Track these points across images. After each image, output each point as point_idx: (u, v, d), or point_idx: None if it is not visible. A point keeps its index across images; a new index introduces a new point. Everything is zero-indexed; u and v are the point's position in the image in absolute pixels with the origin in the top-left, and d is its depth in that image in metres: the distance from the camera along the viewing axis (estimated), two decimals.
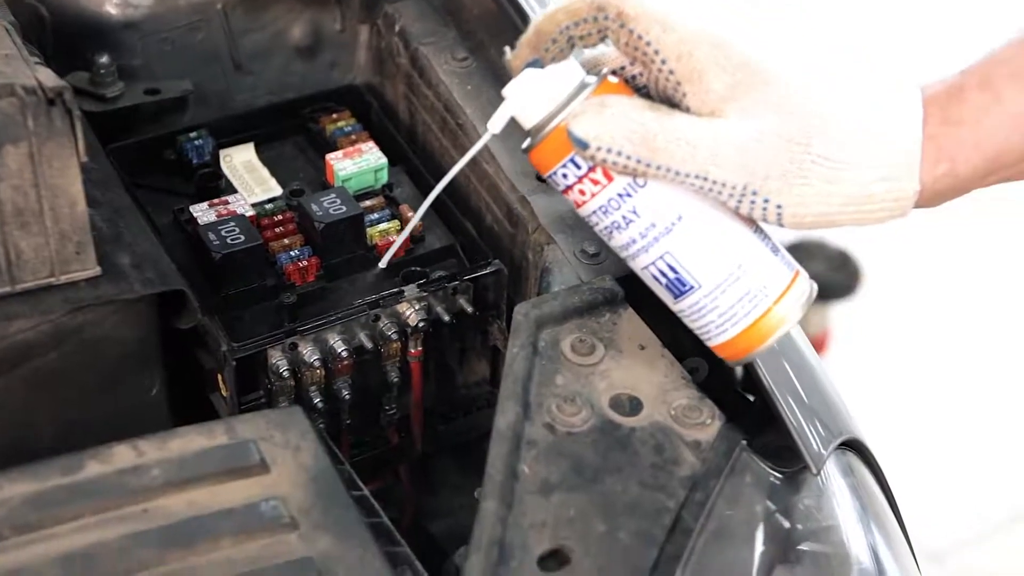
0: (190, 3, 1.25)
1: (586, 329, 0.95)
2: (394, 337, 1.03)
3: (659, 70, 0.83)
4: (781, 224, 0.83)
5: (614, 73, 0.86)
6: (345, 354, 1.01)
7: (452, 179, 0.95)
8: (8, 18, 1.01)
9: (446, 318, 1.05)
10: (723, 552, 0.85)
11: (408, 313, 1.03)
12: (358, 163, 1.14)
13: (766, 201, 0.82)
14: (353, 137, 1.18)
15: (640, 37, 0.83)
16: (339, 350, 1.01)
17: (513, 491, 0.84)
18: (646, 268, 0.87)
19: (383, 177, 1.15)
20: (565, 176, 0.85)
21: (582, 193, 0.85)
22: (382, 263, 1.06)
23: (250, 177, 1.16)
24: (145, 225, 1.02)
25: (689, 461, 0.88)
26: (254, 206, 1.11)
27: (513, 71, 0.87)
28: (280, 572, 0.80)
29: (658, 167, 0.81)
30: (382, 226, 1.10)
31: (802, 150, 0.80)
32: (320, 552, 0.81)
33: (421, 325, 1.04)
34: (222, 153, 1.17)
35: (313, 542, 0.82)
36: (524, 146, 0.87)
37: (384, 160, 1.15)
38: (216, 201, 1.10)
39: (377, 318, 1.03)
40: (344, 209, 1.07)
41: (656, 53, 0.83)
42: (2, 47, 0.93)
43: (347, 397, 1.04)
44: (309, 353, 1.00)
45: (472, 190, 1.15)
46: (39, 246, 0.91)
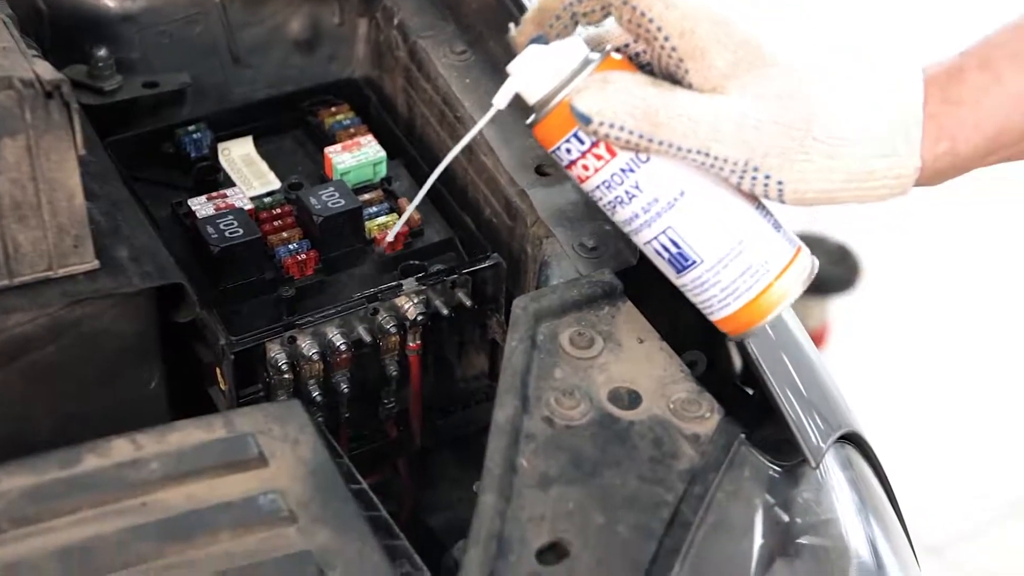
0: None
1: (585, 322, 0.95)
2: (393, 331, 1.03)
3: (662, 47, 0.83)
4: (783, 201, 0.83)
5: (617, 50, 0.87)
6: (344, 348, 1.01)
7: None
8: (6, 11, 1.01)
9: (445, 311, 1.04)
10: (722, 545, 0.85)
11: (407, 306, 1.03)
12: (357, 156, 1.14)
13: (767, 177, 0.82)
14: (352, 130, 1.18)
15: (643, 14, 0.83)
16: (338, 343, 1.01)
17: (512, 485, 0.84)
18: (648, 243, 0.88)
19: (382, 171, 1.15)
20: (569, 151, 0.86)
21: (585, 168, 0.86)
22: (389, 237, 1.06)
23: (248, 170, 1.16)
24: (143, 218, 1.02)
25: (688, 454, 0.88)
26: (252, 199, 1.11)
27: (517, 47, 0.88)
28: (279, 565, 0.80)
29: (660, 142, 0.82)
30: (381, 219, 1.10)
31: (803, 127, 0.81)
32: (319, 545, 0.81)
33: (420, 318, 1.03)
34: (220, 146, 1.17)
35: (312, 535, 0.82)
36: (528, 121, 0.87)
37: (383, 153, 1.15)
38: (214, 194, 1.10)
39: (376, 311, 1.02)
40: (343, 202, 1.07)
41: (659, 30, 0.83)
42: (0, 40, 0.92)
43: (346, 391, 1.04)
44: (308, 347, 1.00)
45: (470, 183, 1.14)
46: (37, 239, 0.91)
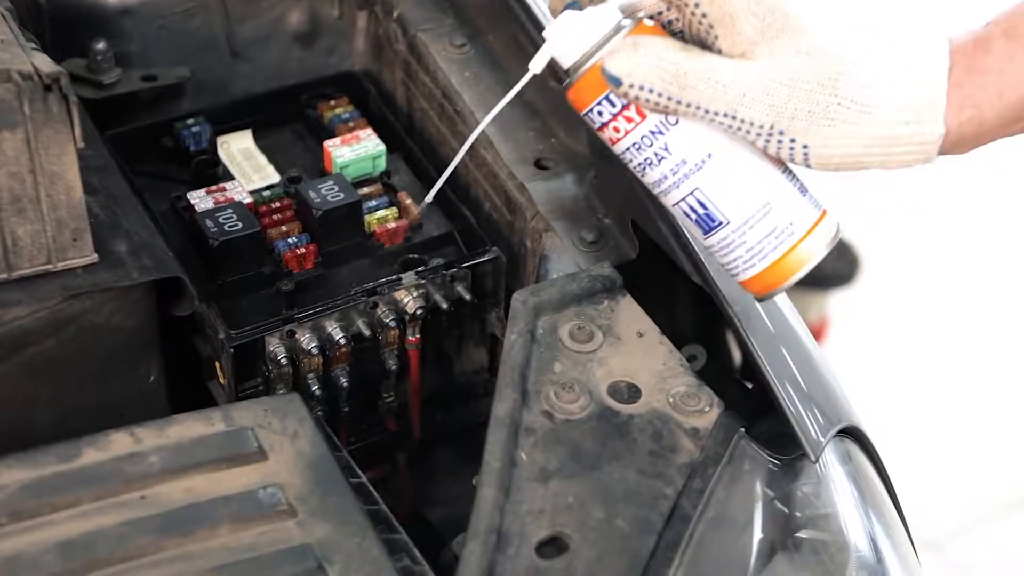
0: None
1: (584, 316, 0.95)
2: (392, 324, 1.03)
3: (692, 13, 0.85)
4: (808, 165, 0.84)
5: (651, 18, 0.88)
6: (343, 341, 1.01)
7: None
8: (5, 4, 1.00)
9: (444, 305, 1.04)
10: (721, 539, 0.85)
11: (406, 300, 1.03)
12: (356, 150, 1.14)
13: (792, 141, 0.83)
14: (351, 124, 1.18)
15: None
16: (337, 337, 1.01)
17: (511, 478, 0.84)
18: (677, 204, 0.89)
19: (381, 164, 1.15)
20: (600, 114, 0.87)
21: (616, 131, 0.87)
22: (428, 198, 1.07)
23: (248, 164, 1.16)
24: (142, 212, 1.02)
25: (687, 448, 0.88)
26: (252, 193, 1.11)
27: (553, 14, 0.89)
28: (278, 559, 0.80)
29: (688, 104, 0.83)
30: (380, 213, 1.10)
31: (828, 92, 0.82)
32: (318, 539, 0.81)
33: (419, 312, 1.03)
34: (219, 140, 1.17)
35: (311, 529, 0.82)
36: (563, 84, 0.89)
37: (382, 147, 1.15)
38: (213, 188, 1.10)
39: (375, 305, 1.02)
40: (342, 196, 1.07)
41: None
42: None
43: (345, 384, 1.04)
44: (307, 340, 1.00)
45: (470, 178, 1.14)
46: (36, 233, 0.91)
